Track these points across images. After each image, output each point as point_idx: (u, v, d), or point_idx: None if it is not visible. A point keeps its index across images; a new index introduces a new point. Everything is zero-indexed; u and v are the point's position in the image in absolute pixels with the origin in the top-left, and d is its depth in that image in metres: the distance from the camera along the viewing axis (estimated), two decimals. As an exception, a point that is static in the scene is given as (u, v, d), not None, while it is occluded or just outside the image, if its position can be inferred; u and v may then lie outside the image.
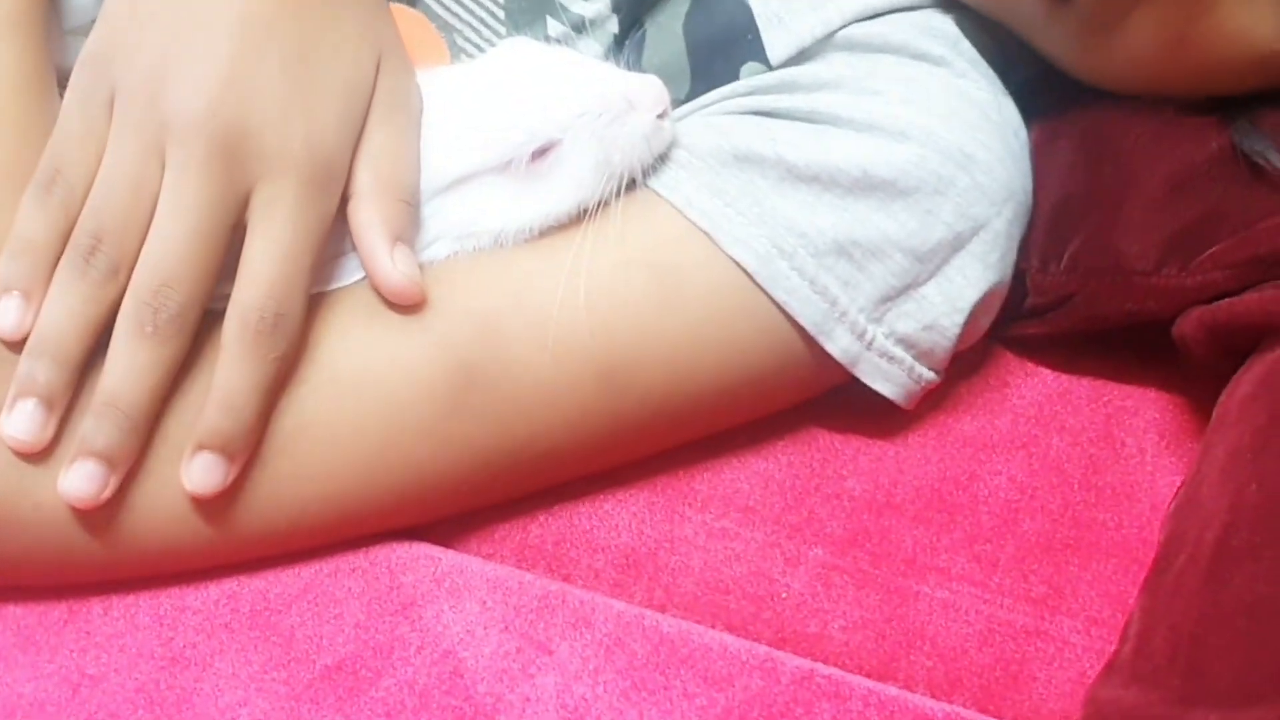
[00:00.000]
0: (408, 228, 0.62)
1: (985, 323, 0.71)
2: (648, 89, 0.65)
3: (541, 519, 0.68)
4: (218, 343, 0.58)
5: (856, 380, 0.67)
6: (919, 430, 0.72)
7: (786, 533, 0.68)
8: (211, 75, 0.57)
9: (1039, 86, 0.74)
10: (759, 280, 0.64)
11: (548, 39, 0.72)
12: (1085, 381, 0.74)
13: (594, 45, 0.74)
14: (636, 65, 0.71)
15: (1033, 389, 0.75)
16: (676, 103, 0.70)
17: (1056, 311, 0.72)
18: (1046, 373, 0.75)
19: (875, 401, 0.67)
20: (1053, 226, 0.72)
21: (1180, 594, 0.51)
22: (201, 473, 0.58)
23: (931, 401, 0.71)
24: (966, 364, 0.73)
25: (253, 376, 0.57)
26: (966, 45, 0.71)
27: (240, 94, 0.57)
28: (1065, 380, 0.75)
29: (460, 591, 0.63)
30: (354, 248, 0.61)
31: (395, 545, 0.65)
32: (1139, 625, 0.53)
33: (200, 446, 0.58)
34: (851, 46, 0.70)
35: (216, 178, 0.57)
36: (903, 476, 0.70)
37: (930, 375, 0.69)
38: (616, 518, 0.69)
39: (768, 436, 0.71)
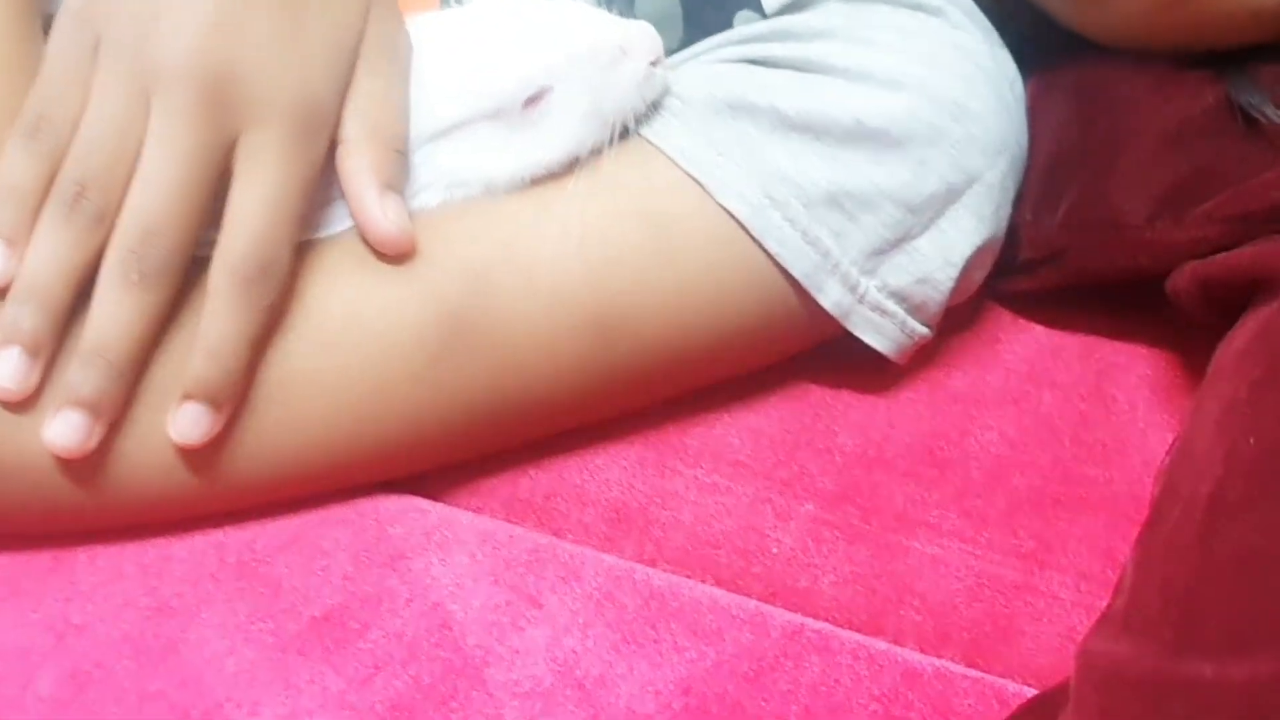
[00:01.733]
0: (397, 176, 0.62)
1: (979, 277, 0.72)
2: (640, 36, 0.64)
3: (531, 473, 0.68)
4: (205, 291, 0.57)
5: (848, 334, 0.67)
6: (910, 385, 0.73)
7: (777, 488, 0.69)
8: (199, 20, 0.57)
9: (1035, 40, 0.74)
10: (751, 230, 0.64)
11: None
12: (1077, 337, 0.75)
13: None
14: (629, 12, 0.70)
15: (1024, 344, 0.75)
16: (669, 51, 0.70)
17: (1049, 266, 0.73)
18: (1038, 328, 0.76)
19: (867, 356, 0.68)
20: (1046, 180, 0.73)
21: (1174, 547, 0.52)
22: (188, 422, 0.58)
23: (923, 356, 0.72)
24: (958, 319, 0.73)
25: (240, 325, 0.57)
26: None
27: (228, 39, 0.57)
28: (1057, 336, 0.75)
29: (449, 544, 0.64)
30: (343, 195, 0.61)
31: (384, 497, 0.65)
32: (1132, 579, 0.53)
33: (187, 396, 0.58)
34: None
35: (203, 124, 0.56)
36: (894, 432, 0.71)
37: (923, 330, 0.69)
38: (607, 472, 0.69)
39: (759, 391, 0.72)
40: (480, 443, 0.66)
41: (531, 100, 0.63)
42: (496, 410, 0.65)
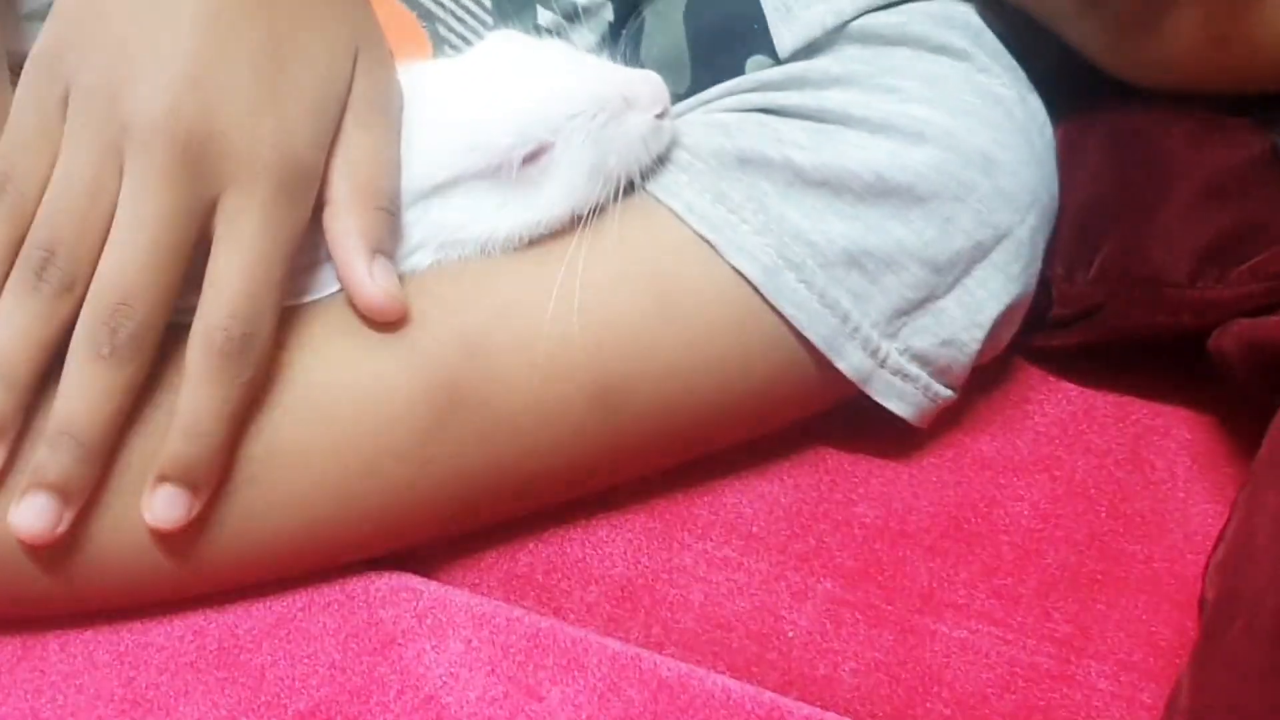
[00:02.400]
0: (387, 237, 0.59)
1: (1007, 336, 0.69)
2: (646, 86, 0.62)
3: (531, 546, 0.66)
4: (182, 363, 0.55)
5: (868, 397, 0.65)
6: (934, 450, 0.70)
7: (793, 563, 0.66)
8: (174, 73, 0.54)
9: (1061, 79, 0.72)
10: (764, 293, 0.62)
11: (538, 29, 0.70)
12: (1111, 398, 0.73)
13: (587, 35, 0.72)
14: (634, 58, 0.69)
15: (1055, 406, 0.72)
16: (676, 98, 0.68)
17: (1082, 323, 0.70)
18: (1070, 388, 0.73)
19: (887, 419, 0.66)
20: (1080, 232, 0.70)
21: (1238, 669, 0.48)
22: (164, 505, 0.56)
23: (947, 419, 0.69)
24: (984, 378, 0.71)
25: (219, 401, 0.55)
26: (989, 37, 0.69)
27: (206, 94, 0.55)
28: (1090, 396, 0.73)
29: (443, 628, 0.61)
30: (329, 258, 0.59)
31: (374, 577, 0.62)
32: (1190, 700, 0.50)
33: (162, 477, 0.55)
34: (865, 39, 0.67)
35: (179, 185, 0.54)
36: (917, 501, 0.68)
37: (947, 393, 0.67)
38: (611, 545, 0.66)
39: (772, 456, 0.69)
40: (476, 517, 0.64)
41: (530, 157, 0.61)
42: (493, 484, 0.62)
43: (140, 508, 0.56)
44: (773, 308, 0.62)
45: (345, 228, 0.59)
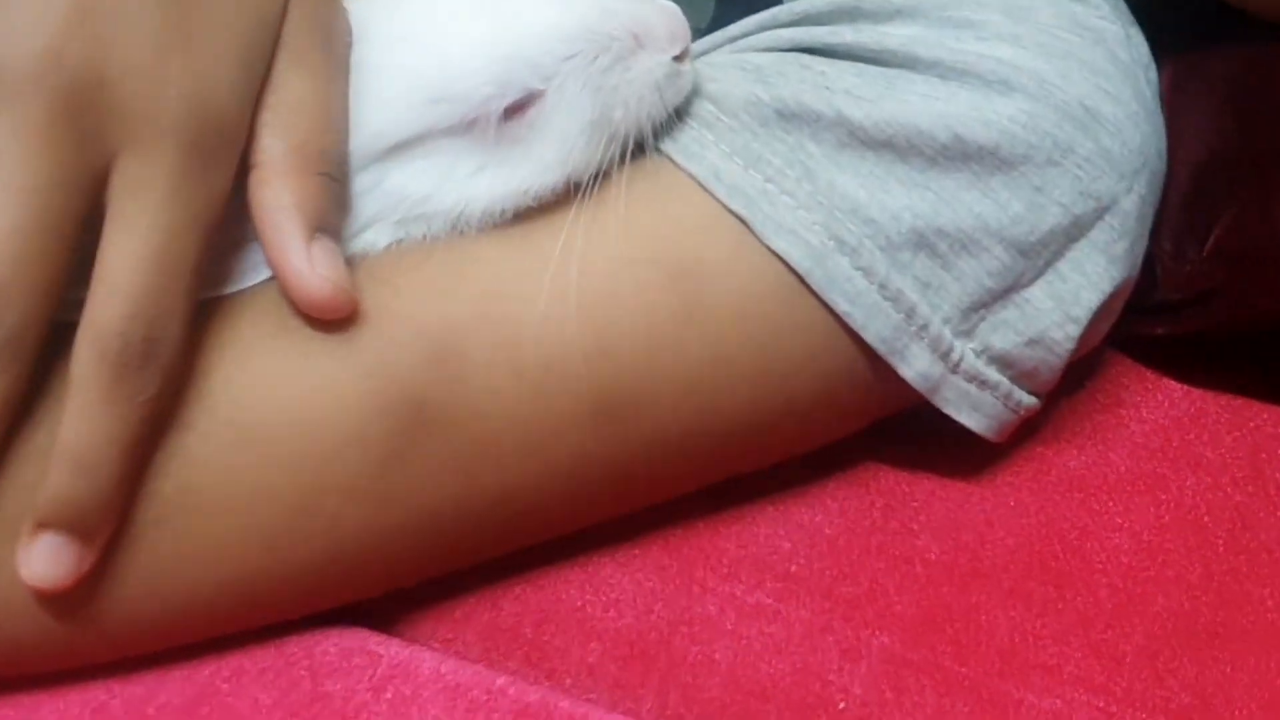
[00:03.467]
0: (331, 210, 0.52)
1: (1105, 328, 0.61)
2: (661, 18, 0.55)
3: (517, 592, 0.60)
4: (67, 376, 0.47)
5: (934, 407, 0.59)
6: (1010, 467, 0.64)
7: (841, 611, 0.59)
8: (58, 5, 0.47)
9: (1162, 7, 0.65)
10: (811, 282, 0.55)
11: None
12: (1225, 400, 0.67)
13: None
14: None
15: (1157, 410, 0.67)
16: (696, 33, 0.61)
17: (1193, 309, 0.65)
18: (1174, 387, 0.68)
19: (954, 428, 0.59)
20: (1191, 201, 0.64)
21: None
22: (45, 559, 0.48)
23: (1025, 426, 0.62)
24: (1069, 375, 0.63)
25: (113, 427, 0.47)
26: None
27: (95, 29, 0.47)
28: (1199, 399, 0.67)
29: (408, 704, 0.53)
30: (257, 236, 0.51)
31: (319, 636, 0.55)
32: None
33: (43, 523, 0.48)
34: None
35: (61, 147, 0.46)
36: (992, 532, 0.62)
37: (1031, 400, 0.60)
38: (617, 589, 0.60)
39: (813, 477, 0.63)
40: (447, 562, 0.58)
41: (514, 109, 0.54)
42: (469, 521, 0.55)
43: (15, 562, 0.49)
44: (821, 301, 0.56)
45: (277, 199, 0.51)
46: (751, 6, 0.62)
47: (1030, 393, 0.59)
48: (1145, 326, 0.66)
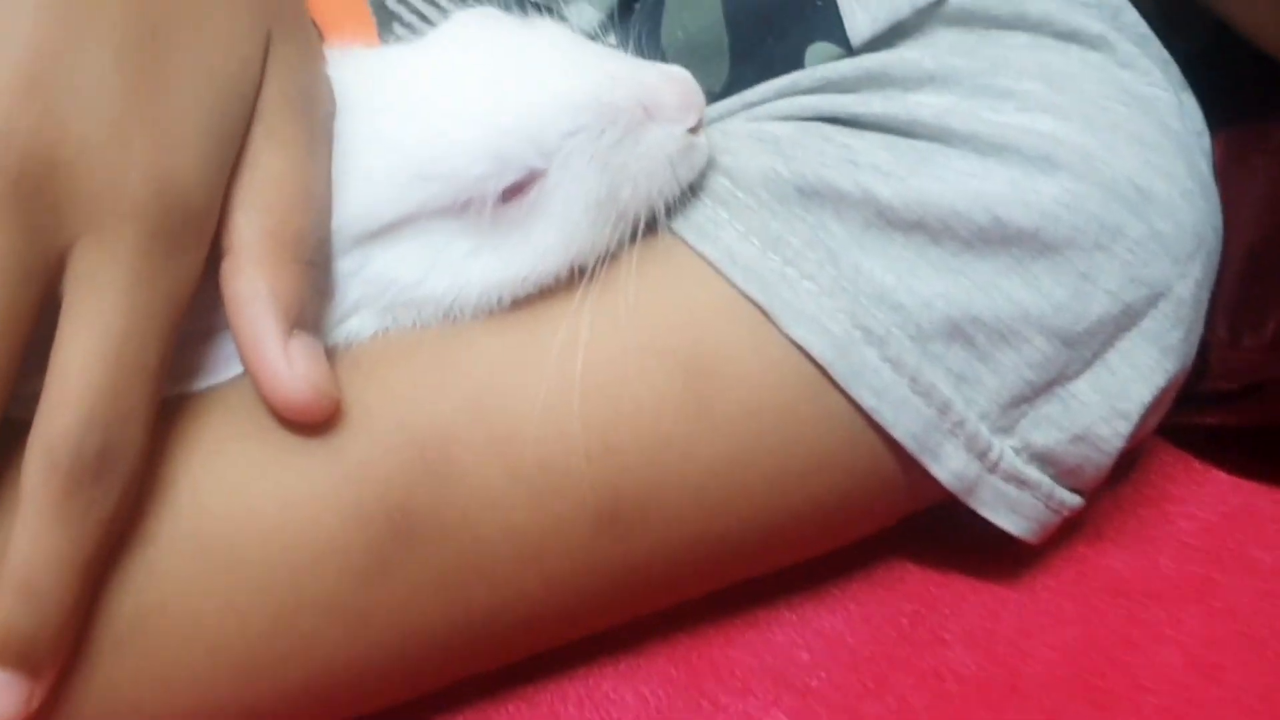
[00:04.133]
0: (310, 301, 0.49)
1: (1155, 420, 0.57)
2: (673, 87, 0.52)
3: (511, 709, 0.56)
4: (17, 485, 0.44)
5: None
6: (1048, 569, 0.60)
7: None
8: (4, 74, 0.44)
9: (1214, 70, 0.60)
10: (835, 376, 0.52)
11: (522, 5, 0.60)
12: (1278, 495, 0.63)
13: (589, 12, 0.61)
14: (651, 45, 0.59)
15: (1206, 505, 0.63)
16: (711, 97, 0.58)
17: (1249, 400, 0.62)
18: (1223, 479, 0.64)
19: (987, 523, 0.56)
20: (1247, 282, 0.61)
21: None
22: None
23: (1064, 523, 0.58)
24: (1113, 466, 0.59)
25: (65, 548, 0.44)
26: (1131, 16, 0.58)
27: (45, 101, 0.44)
28: (1250, 493, 0.63)
29: None
30: (228, 326, 0.48)
31: None
32: None
33: None
34: (968, 20, 0.56)
35: (10, 235, 0.43)
36: (1028, 643, 0.58)
37: (1074, 500, 0.56)
38: (619, 706, 0.57)
39: (835, 578, 0.60)
40: (433, 680, 0.55)
41: (513, 190, 0.51)
42: (458, 636, 0.52)
43: None
44: (846, 395, 0.52)
45: (251, 289, 0.47)
46: (769, 69, 0.58)
47: (1073, 490, 0.56)
48: (1194, 415, 0.62)
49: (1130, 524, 0.62)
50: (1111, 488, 0.62)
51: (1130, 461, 0.63)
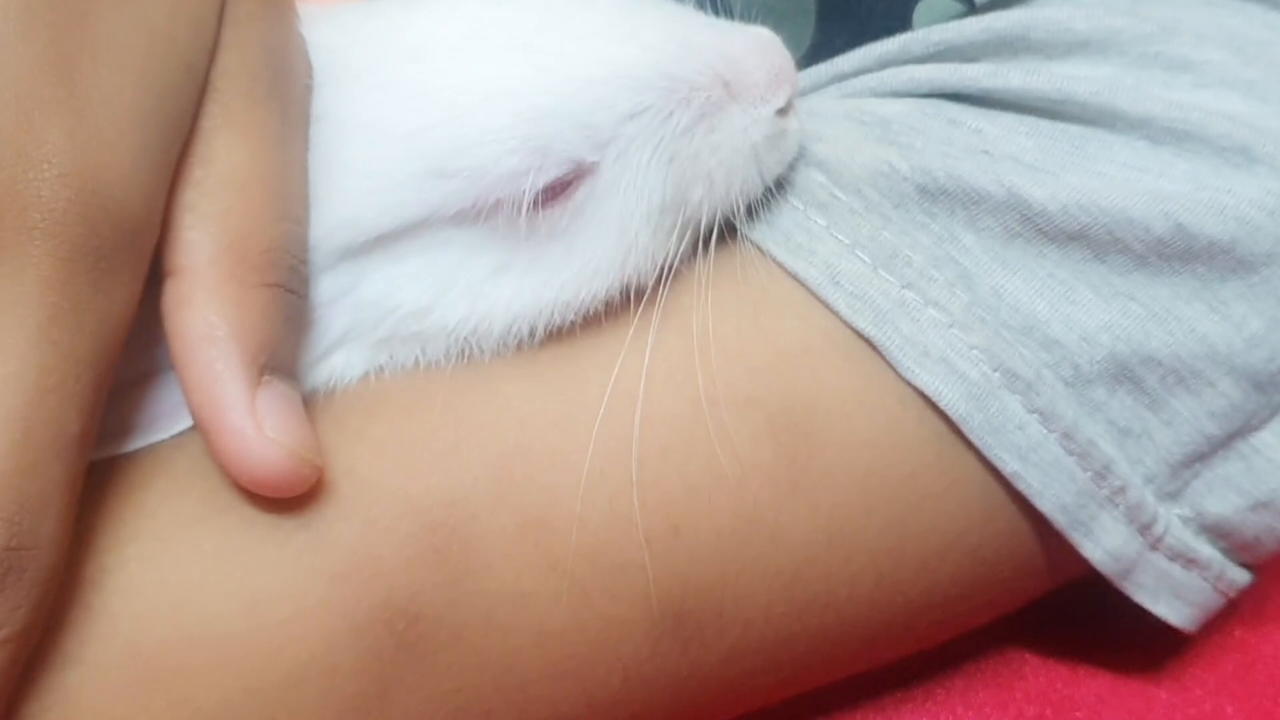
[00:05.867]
0: (282, 337, 0.43)
1: None
2: (759, 57, 0.47)
3: None
4: None
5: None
6: (1201, 659, 0.55)
7: None
8: None
9: None
10: (968, 431, 0.47)
11: None
12: None
13: None
14: (715, 5, 0.52)
15: None
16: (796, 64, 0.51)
17: None
18: None
19: (1128, 604, 0.50)
20: None
21: None
22: None
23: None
24: None
25: None
26: None
27: None
28: None
29: None
30: (170, 366, 0.43)
31: None
32: None
33: None
34: None
35: None
36: None
37: (1244, 580, 0.51)
38: None
39: (936, 672, 0.55)
40: None
41: (555, 188, 0.44)
42: None
43: None
44: (981, 457, 0.47)
45: (206, 325, 0.41)
46: (866, 31, 0.53)
47: (1245, 566, 0.50)
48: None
49: None
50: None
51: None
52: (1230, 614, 0.55)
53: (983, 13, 0.53)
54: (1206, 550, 0.49)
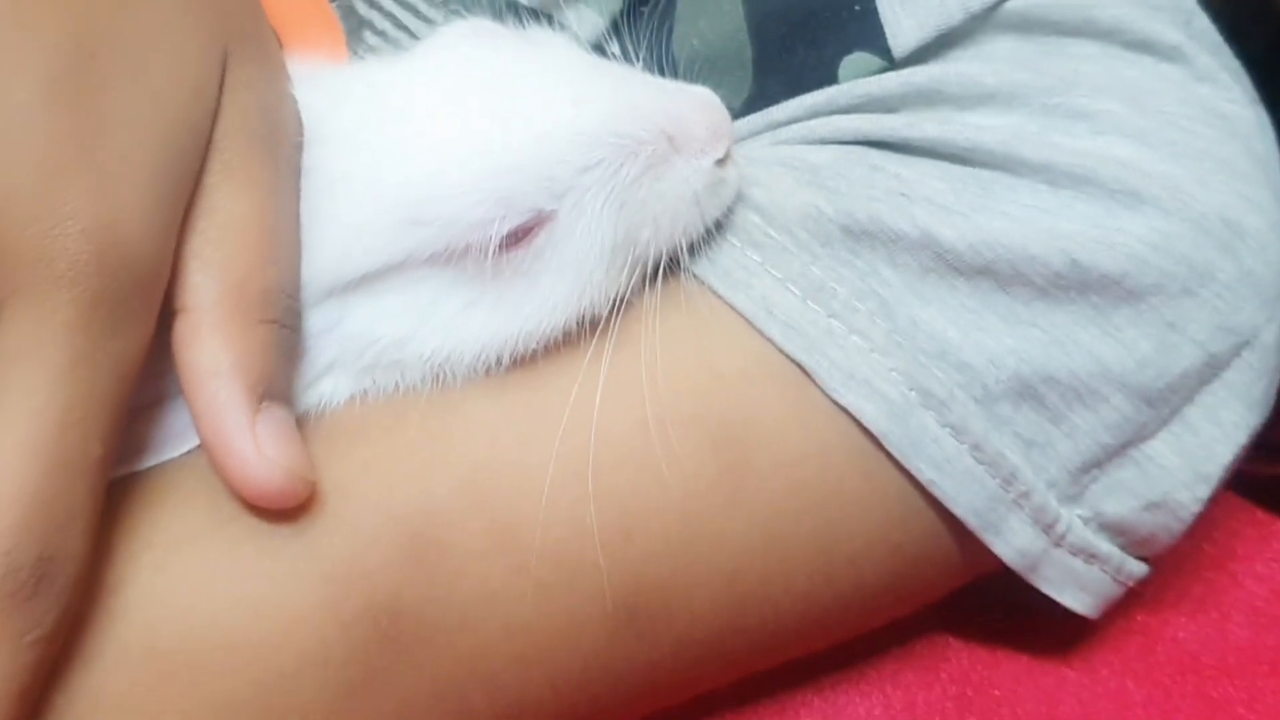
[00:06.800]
0: (279, 368, 0.44)
1: (1227, 478, 0.53)
2: (699, 114, 0.48)
3: None
4: None
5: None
6: (1108, 644, 0.57)
7: None
8: None
9: (1272, 73, 0.56)
10: (889, 445, 0.49)
11: (516, 11, 0.54)
12: None
13: (590, 17, 0.56)
14: (661, 54, 0.54)
15: (1275, 563, 0.60)
16: (730, 115, 0.52)
17: None
18: None
19: (1039, 593, 0.52)
20: None
21: None
22: None
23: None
24: None
25: None
26: (1203, 21, 0.55)
27: None
28: None
29: None
30: (177, 393, 0.44)
31: None
32: None
33: None
34: (1027, 26, 0.53)
35: None
36: None
37: (1141, 572, 0.53)
38: None
39: (871, 657, 0.56)
40: None
41: (517, 235, 0.46)
42: None
43: None
44: (900, 468, 0.49)
45: (212, 360, 0.43)
46: (799, 83, 0.54)
47: (1142, 559, 0.53)
48: (1264, 465, 0.59)
49: (1195, 588, 0.59)
50: (1172, 549, 0.56)
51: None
52: (1133, 602, 0.56)
53: (901, 68, 0.53)
54: (1105, 546, 0.51)
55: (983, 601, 0.56)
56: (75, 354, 0.40)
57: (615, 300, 0.48)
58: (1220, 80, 0.52)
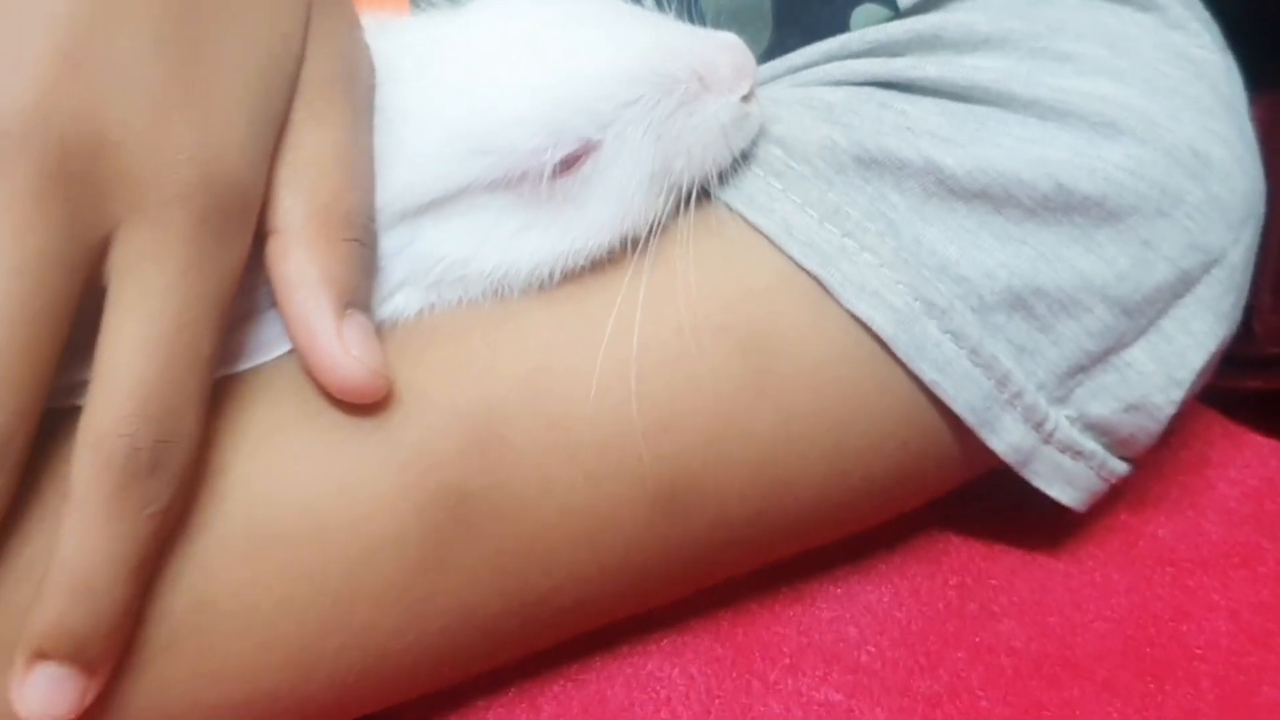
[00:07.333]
0: (360, 281, 0.47)
1: (1200, 385, 0.56)
2: (726, 55, 0.51)
3: (556, 689, 0.54)
4: (64, 480, 0.42)
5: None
6: (1094, 539, 0.59)
7: (922, 711, 0.53)
8: (42, 50, 0.42)
9: (1249, 29, 0.59)
10: (896, 349, 0.51)
11: None
12: None
13: None
14: (690, 8, 0.57)
15: (1247, 471, 0.62)
16: (756, 61, 0.55)
17: None
18: (1262, 444, 0.63)
19: (1031, 490, 0.55)
20: None
21: None
22: (44, 692, 0.43)
23: (1108, 493, 0.57)
24: None
25: (118, 546, 0.42)
26: None
27: (86, 82, 0.42)
28: None
29: None
30: (273, 304, 0.47)
31: None
32: None
33: (39, 653, 0.43)
34: None
35: (52, 220, 0.41)
36: (1081, 616, 0.56)
37: (1123, 469, 0.55)
38: (668, 686, 0.54)
39: (879, 550, 0.58)
40: (484, 661, 0.54)
41: (567, 163, 0.49)
42: (512, 619, 0.51)
43: (9, 694, 0.43)
44: (906, 369, 0.51)
45: (302, 272, 0.46)
46: (813, 33, 0.57)
47: (1123, 459, 0.55)
48: (1237, 380, 0.62)
49: (1173, 491, 0.61)
50: (1152, 455, 0.59)
51: (1169, 427, 0.59)
52: (1116, 500, 0.59)
53: (906, 16, 0.55)
54: (1090, 444, 0.54)
55: (980, 502, 0.58)
56: (187, 262, 0.43)
57: (653, 223, 0.51)
58: (1191, 28, 0.55)
